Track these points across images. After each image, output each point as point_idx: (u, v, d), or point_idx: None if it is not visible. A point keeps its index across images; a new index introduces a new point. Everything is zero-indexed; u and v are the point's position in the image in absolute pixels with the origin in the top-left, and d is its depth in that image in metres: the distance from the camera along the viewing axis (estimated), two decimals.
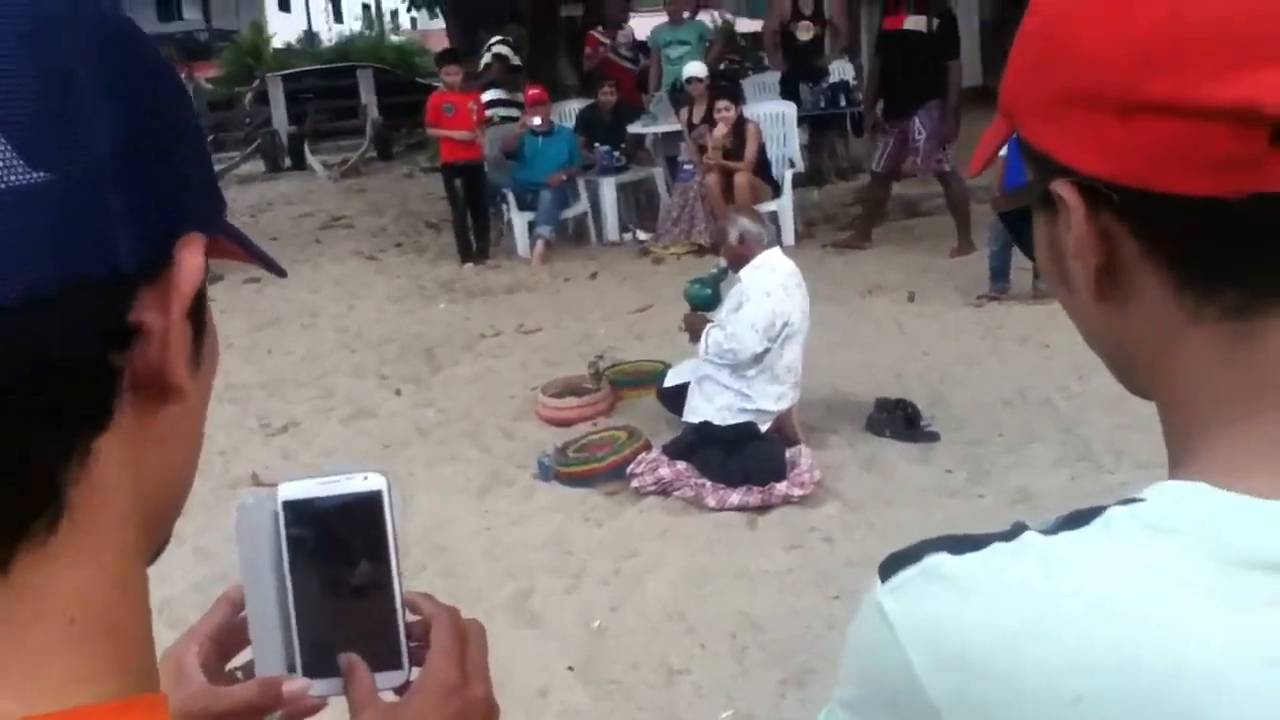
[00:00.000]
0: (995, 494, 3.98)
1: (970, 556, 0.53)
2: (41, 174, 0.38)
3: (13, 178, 0.37)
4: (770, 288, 4.35)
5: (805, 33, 9.99)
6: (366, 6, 41.54)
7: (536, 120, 8.64)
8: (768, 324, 4.27)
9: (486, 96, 9.35)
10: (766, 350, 4.29)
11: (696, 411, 4.41)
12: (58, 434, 0.39)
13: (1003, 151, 0.67)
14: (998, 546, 0.53)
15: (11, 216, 0.37)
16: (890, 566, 0.56)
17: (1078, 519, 0.53)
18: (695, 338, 4.53)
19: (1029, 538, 0.53)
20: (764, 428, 4.37)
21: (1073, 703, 0.48)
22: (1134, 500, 0.53)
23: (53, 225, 0.38)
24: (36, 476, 0.39)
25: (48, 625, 0.41)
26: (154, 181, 0.42)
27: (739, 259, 4.49)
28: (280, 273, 0.63)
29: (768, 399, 4.37)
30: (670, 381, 4.81)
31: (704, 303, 4.69)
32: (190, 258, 0.44)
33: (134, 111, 0.42)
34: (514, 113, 9.29)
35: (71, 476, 0.40)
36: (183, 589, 3.36)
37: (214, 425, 4.69)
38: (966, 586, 0.53)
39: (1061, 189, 0.55)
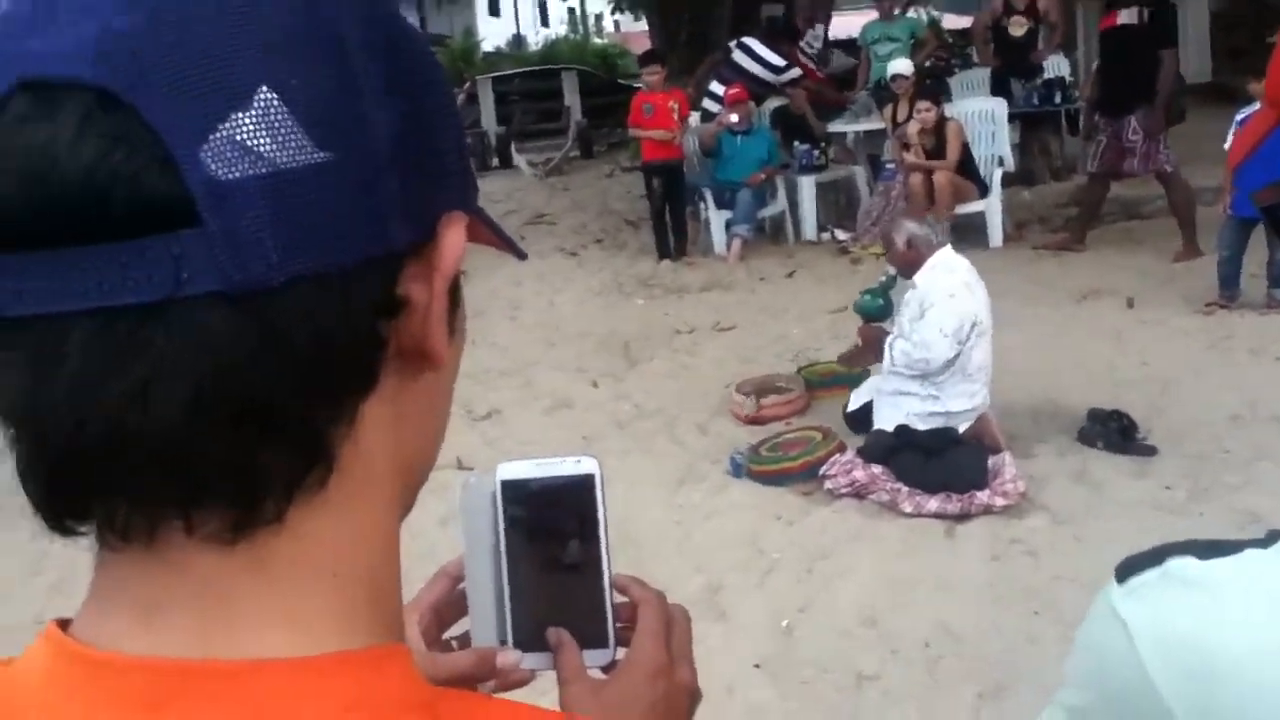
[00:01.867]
0: (1218, 513, 3.72)
1: (1219, 561, 0.51)
2: (328, 155, 0.40)
3: (303, 158, 0.39)
4: (953, 289, 4.23)
5: (1018, 28, 9.60)
6: (572, 10, 42.63)
7: (734, 118, 8.64)
8: (957, 326, 4.16)
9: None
10: (958, 354, 4.17)
11: (887, 421, 4.32)
12: (331, 396, 0.42)
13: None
14: (1252, 553, 0.50)
15: (302, 194, 0.39)
16: (1128, 569, 0.53)
17: None
18: (871, 350, 4.46)
19: None
20: (961, 429, 4.24)
21: None
22: None
23: (337, 203, 0.40)
24: (311, 433, 0.42)
25: (313, 574, 0.44)
26: (423, 164, 0.45)
27: (910, 265, 4.39)
28: (521, 255, 0.65)
29: (960, 399, 4.26)
30: (854, 405, 4.72)
31: (876, 313, 4.63)
32: (453, 236, 0.46)
33: (408, 100, 0.44)
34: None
35: (341, 435, 0.43)
36: None
37: None
38: (1215, 592, 0.50)
39: None
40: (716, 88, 9.54)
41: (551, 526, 0.72)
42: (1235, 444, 4.29)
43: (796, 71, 9.97)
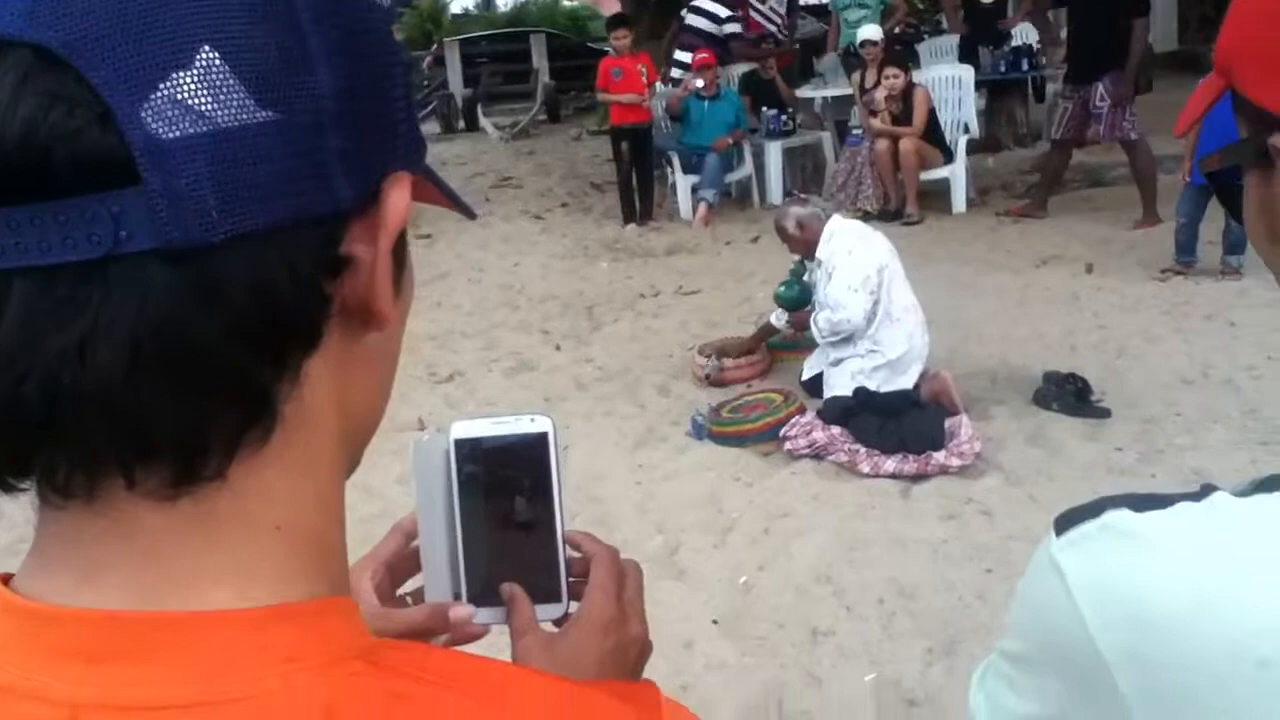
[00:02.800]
0: (1168, 474, 3.79)
1: (1154, 514, 0.52)
2: (269, 113, 0.40)
3: (244, 116, 0.40)
4: (850, 246, 4.41)
5: None
6: None
7: (700, 83, 8.61)
8: (863, 278, 4.33)
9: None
10: (876, 304, 4.33)
11: (838, 388, 4.42)
12: (275, 353, 0.43)
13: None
14: (1185, 505, 0.52)
15: (244, 152, 0.40)
16: (1066, 521, 0.54)
17: (1274, 482, 0.51)
18: (803, 328, 4.70)
19: (1218, 498, 0.52)
20: (912, 382, 4.31)
21: (1257, 666, 0.47)
22: None
23: (280, 162, 0.41)
24: (254, 390, 0.42)
25: (256, 530, 0.44)
26: (369, 123, 0.45)
27: (808, 245, 4.58)
28: (470, 214, 0.65)
29: (897, 345, 4.38)
30: (808, 373, 4.80)
31: (795, 301, 4.80)
32: (399, 195, 0.46)
33: (354, 58, 0.44)
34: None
35: (285, 392, 0.43)
36: (348, 524, 3.53)
37: None
38: (1150, 544, 0.51)
39: None
40: (682, 55, 9.52)
41: (505, 483, 0.73)
42: (1187, 407, 4.37)
43: (737, 26, 9.92)
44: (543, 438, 0.72)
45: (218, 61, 0.39)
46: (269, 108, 0.40)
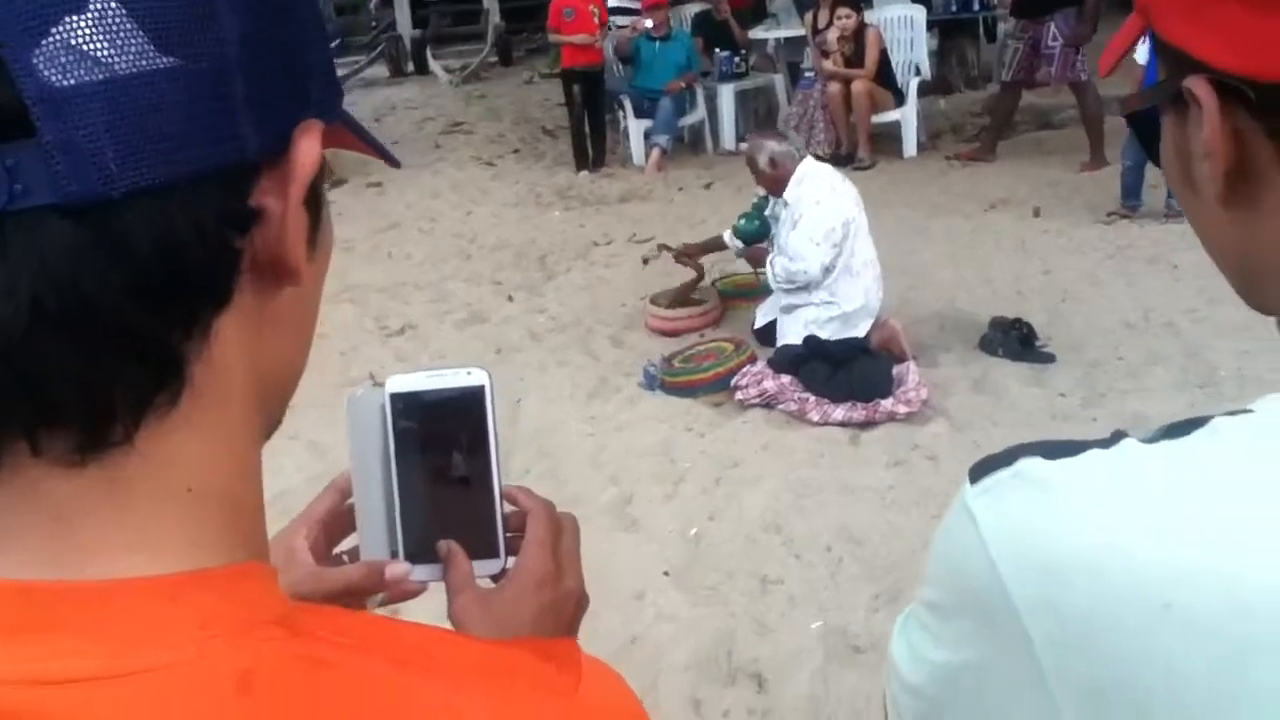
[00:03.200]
0: (1109, 418, 3.87)
1: (1064, 461, 0.52)
2: (171, 59, 0.39)
3: (144, 63, 0.38)
4: (819, 195, 4.35)
5: None
6: None
7: (649, 23, 8.49)
8: (827, 230, 4.29)
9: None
10: (837, 257, 4.30)
11: (791, 335, 4.42)
12: (182, 311, 0.41)
13: (1142, 58, 0.64)
14: (1094, 453, 0.52)
15: (143, 101, 0.38)
16: (981, 469, 0.55)
17: (1180, 428, 0.52)
18: (756, 263, 4.68)
19: (1127, 445, 0.52)
20: (863, 332, 4.34)
21: (1161, 610, 0.47)
22: (1242, 411, 0.51)
23: (182, 110, 0.39)
24: (161, 351, 0.41)
25: (169, 493, 0.43)
26: (277, 70, 0.43)
27: (776, 183, 4.51)
28: (394, 163, 0.63)
29: (853, 299, 4.38)
30: (760, 321, 4.81)
31: (754, 235, 4.75)
32: (308, 144, 0.45)
33: (262, 3, 0.43)
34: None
35: (193, 353, 0.42)
36: (297, 482, 3.53)
37: (333, 325, 4.84)
38: (1057, 491, 0.51)
39: (1195, 86, 0.53)
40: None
41: (442, 439, 0.72)
42: (1129, 350, 4.45)
43: None
44: (479, 391, 0.72)
45: (114, 5, 0.37)
46: (170, 53, 0.38)
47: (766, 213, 4.74)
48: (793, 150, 4.49)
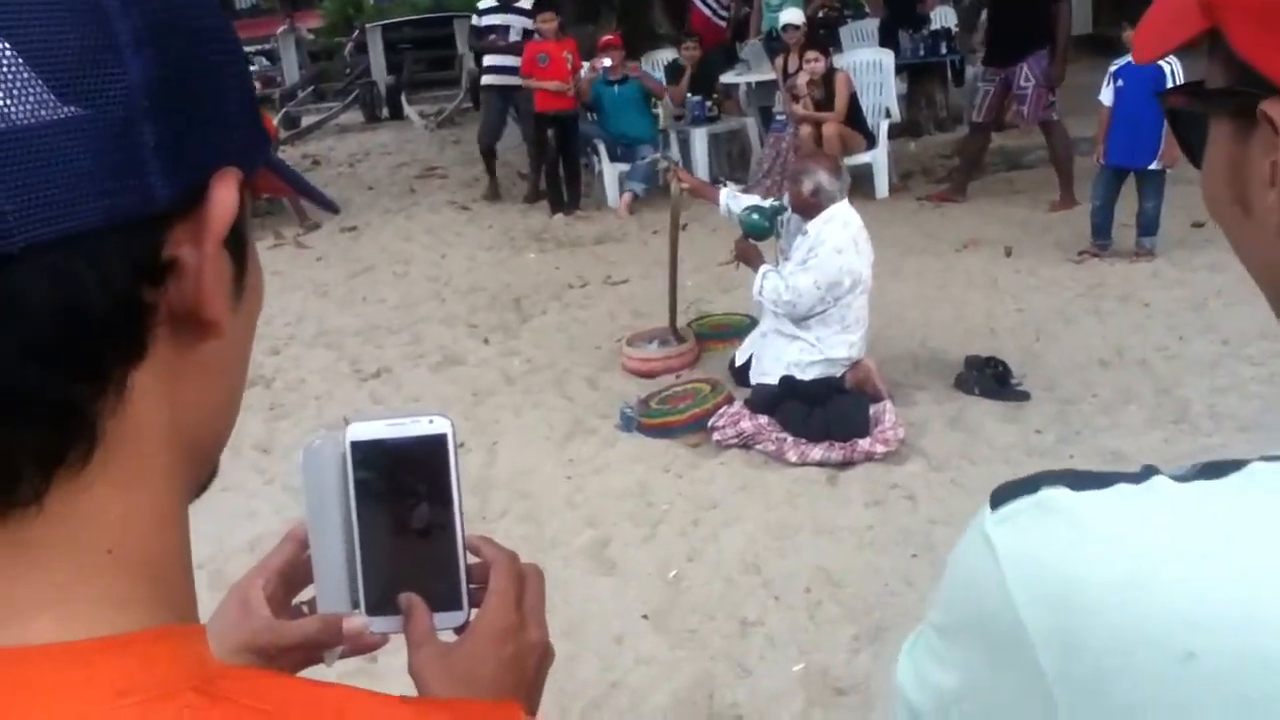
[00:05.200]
0: (1085, 455, 3.88)
1: (1091, 493, 0.51)
2: (73, 109, 0.38)
3: (44, 113, 0.37)
4: (842, 244, 4.29)
5: None
6: None
7: (608, 61, 8.59)
8: (832, 282, 4.24)
9: (482, 4, 9.28)
10: (829, 306, 4.27)
11: (767, 373, 4.40)
12: (88, 368, 0.40)
13: (1107, 100, 0.59)
14: (1123, 487, 0.51)
15: (42, 151, 0.37)
16: (1002, 495, 0.53)
17: (1217, 469, 0.50)
18: (746, 261, 4.55)
19: (1159, 482, 0.50)
20: (838, 374, 4.34)
21: (1183, 659, 0.46)
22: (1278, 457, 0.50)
23: (85, 160, 0.38)
24: (71, 408, 0.39)
25: (85, 554, 0.41)
26: (189, 117, 0.42)
27: (807, 209, 4.43)
28: (331, 208, 0.62)
29: (839, 349, 4.36)
30: (740, 359, 4.79)
31: (758, 232, 4.64)
32: (224, 192, 0.43)
33: (171, 49, 0.41)
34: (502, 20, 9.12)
35: (107, 408, 0.41)
36: (273, 526, 3.48)
37: (309, 370, 4.80)
38: (1083, 524, 0.50)
39: (1273, 109, 0.50)
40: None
41: (403, 488, 0.71)
42: (1103, 388, 4.47)
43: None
44: (441, 439, 0.70)
45: (9, 53, 0.36)
46: (72, 102, 0.37)
47: (780, 218, 4.68)
48: (837, 191, 4.40)
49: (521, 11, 9.17)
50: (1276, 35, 0.50)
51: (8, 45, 0.37)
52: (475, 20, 9.31)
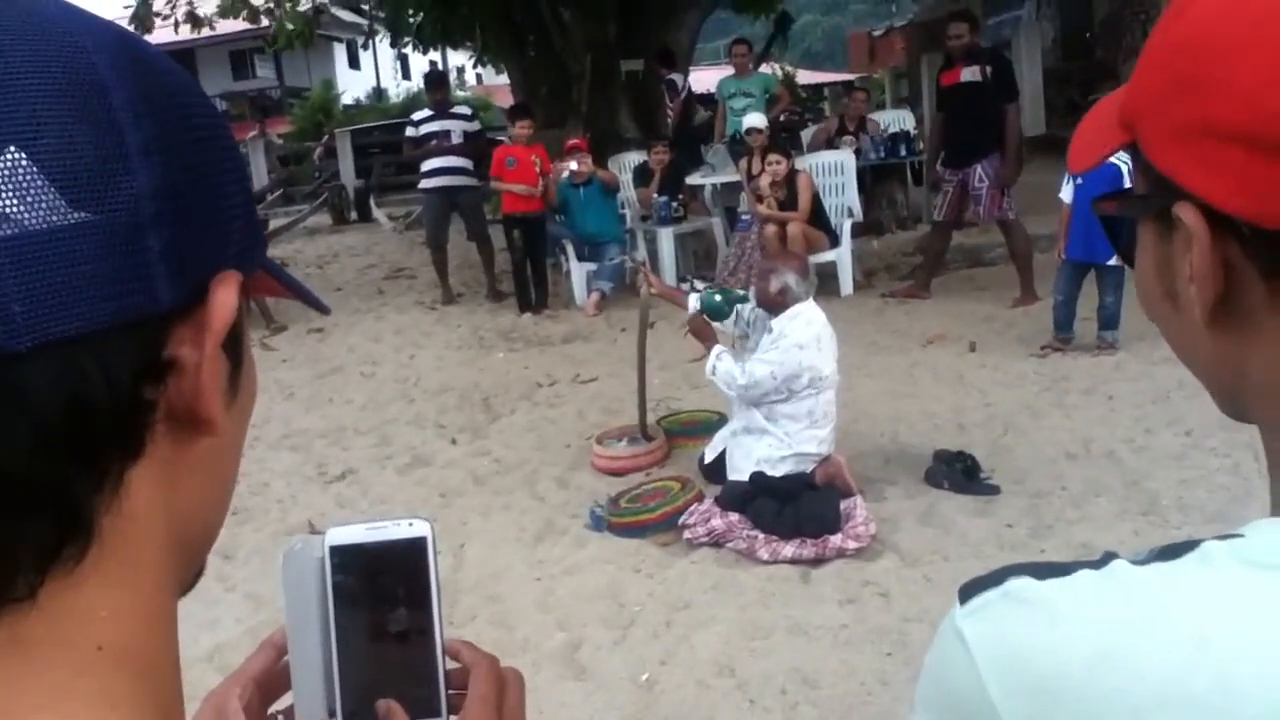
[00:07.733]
0: (1057, 548, 3.87)
1: (1054, 581, 0.52)
2: (83, 214, 0.39)
3: (55, 218, 0.38)
4: (804, 341, 4.36)
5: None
6: (433, 63, 42.50)
7: (575, 164, 8.75)
8: (790, 374, 4.31)
9: (418, 116, 9.50)
10: (783, 398, 4.34)
11: (738, 469, 4.40)
12: (90, 464, 0.40)
13: (1067, 197, 0.64)
14: (1085, 573, 0.52)
15: (53, 255, 0.38)
16: (970, 590, 0.55)
17: (1172, 551, 0.52)
18: (697, 336, 4.67)
19: (1118, 566, 0.52)
20: (809, 469, 4.34)
21: None
22: (1232, 536, 0.51)
23: (93, 264, 0.39)
24: (68, 504, 0.40)
25: (75, 651, 0.41)
26: (192, 222, 0.43)
27: (772, 307, 4.54)
28: (322, 309, 0.63)
29: (808, 443, 4.39)
30: (709, 457, 4.80)
31: (714, 312, 4.76)
32: (224, 294, 0.45)
33: (178, 157, 0.43)
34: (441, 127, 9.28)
35: (103, 505, 0.41)
36: (235, 635, 3.39)
37: (273, 472, 4.74)
38: (1049, 611, 0.51)
39: (1186, 214, 0.53)
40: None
41: (382, 592, 0.70)
42: (1072, 480, 4.49)
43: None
44: (421, 542, 0.69)
45: (24, 162, 0.38)
46: (82, 209, 0.39)
47: (740, 307, 4.78)
48: (803, 293, 4.49)
49: (459, 116, 9.44)
50: (1185, 148, 0.53)
51: (24, 155, 0.38)
52: (412, 131, 9.45)
